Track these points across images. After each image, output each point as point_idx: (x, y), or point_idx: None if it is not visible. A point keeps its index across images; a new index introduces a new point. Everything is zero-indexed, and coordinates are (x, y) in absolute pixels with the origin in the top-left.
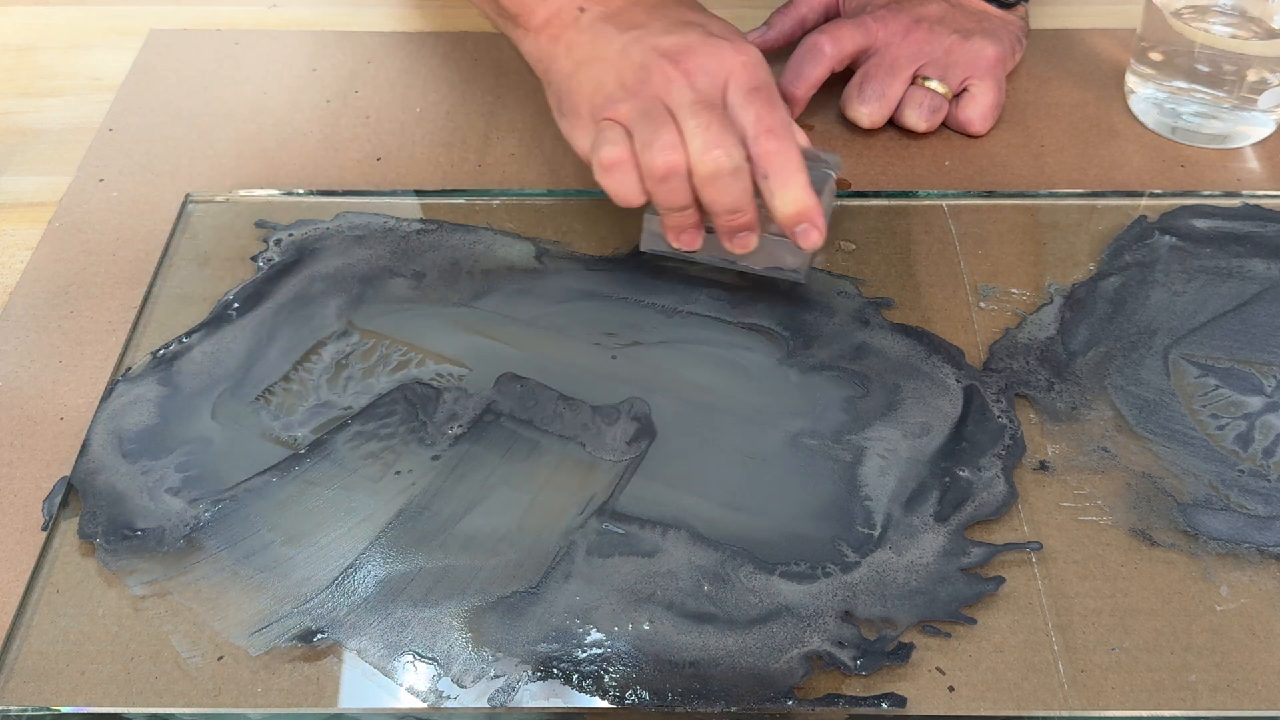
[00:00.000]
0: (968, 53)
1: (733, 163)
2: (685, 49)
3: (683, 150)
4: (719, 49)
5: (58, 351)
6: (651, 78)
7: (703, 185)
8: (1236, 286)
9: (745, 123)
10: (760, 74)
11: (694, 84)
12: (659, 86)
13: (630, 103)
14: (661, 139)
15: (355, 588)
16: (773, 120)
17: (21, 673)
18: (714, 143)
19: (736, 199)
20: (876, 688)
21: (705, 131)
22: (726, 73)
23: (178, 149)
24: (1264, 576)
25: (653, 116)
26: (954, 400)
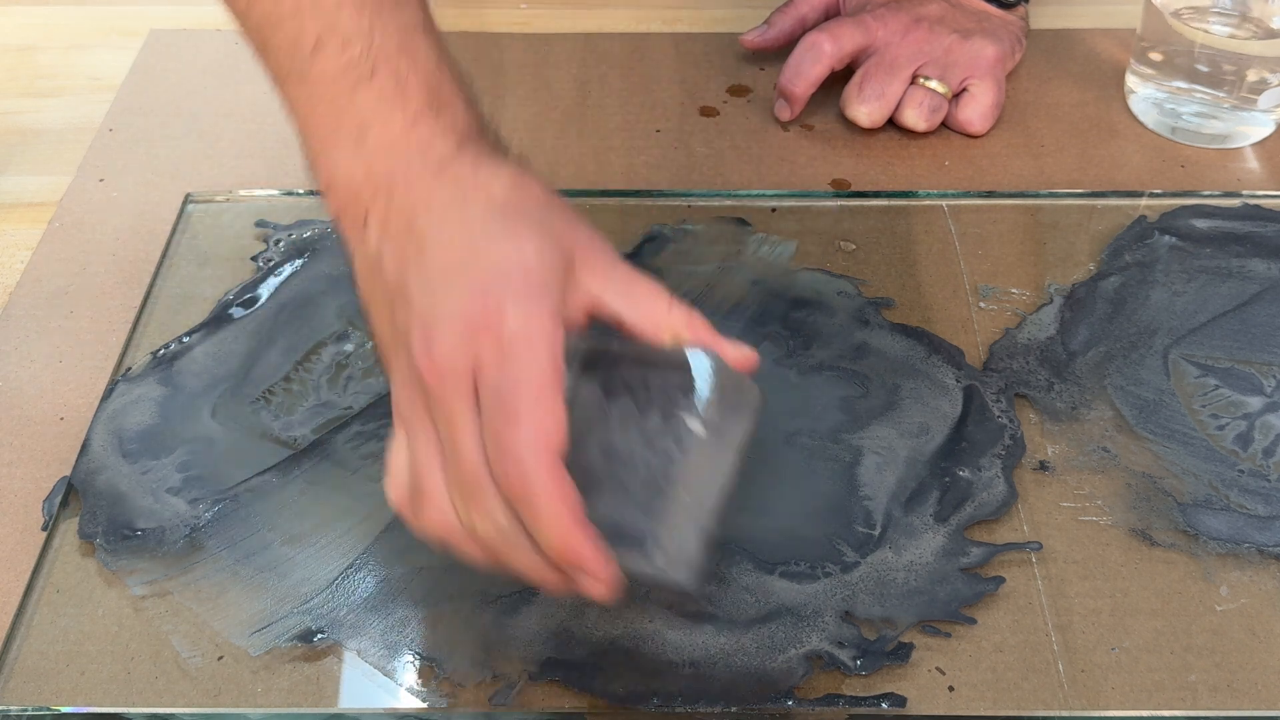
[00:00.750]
0: (967, 52)
1: (502, 533)
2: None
3: (451, 508)
4: (465, 324)
5: (58, 351)
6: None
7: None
8: (1236, 286)
9: (488, 450)
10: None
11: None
12: (418, 393)
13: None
14: (425, 495)
15: (355, 588)
16: (512, 441)
17: (21, 673)
18: (476, 510)
19: (531, 570)
20: (876, 688)
21: (466, 494)
22: (473, 363)
23: (178, 149)
24: (1264, 576)
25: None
26: (954, 400)
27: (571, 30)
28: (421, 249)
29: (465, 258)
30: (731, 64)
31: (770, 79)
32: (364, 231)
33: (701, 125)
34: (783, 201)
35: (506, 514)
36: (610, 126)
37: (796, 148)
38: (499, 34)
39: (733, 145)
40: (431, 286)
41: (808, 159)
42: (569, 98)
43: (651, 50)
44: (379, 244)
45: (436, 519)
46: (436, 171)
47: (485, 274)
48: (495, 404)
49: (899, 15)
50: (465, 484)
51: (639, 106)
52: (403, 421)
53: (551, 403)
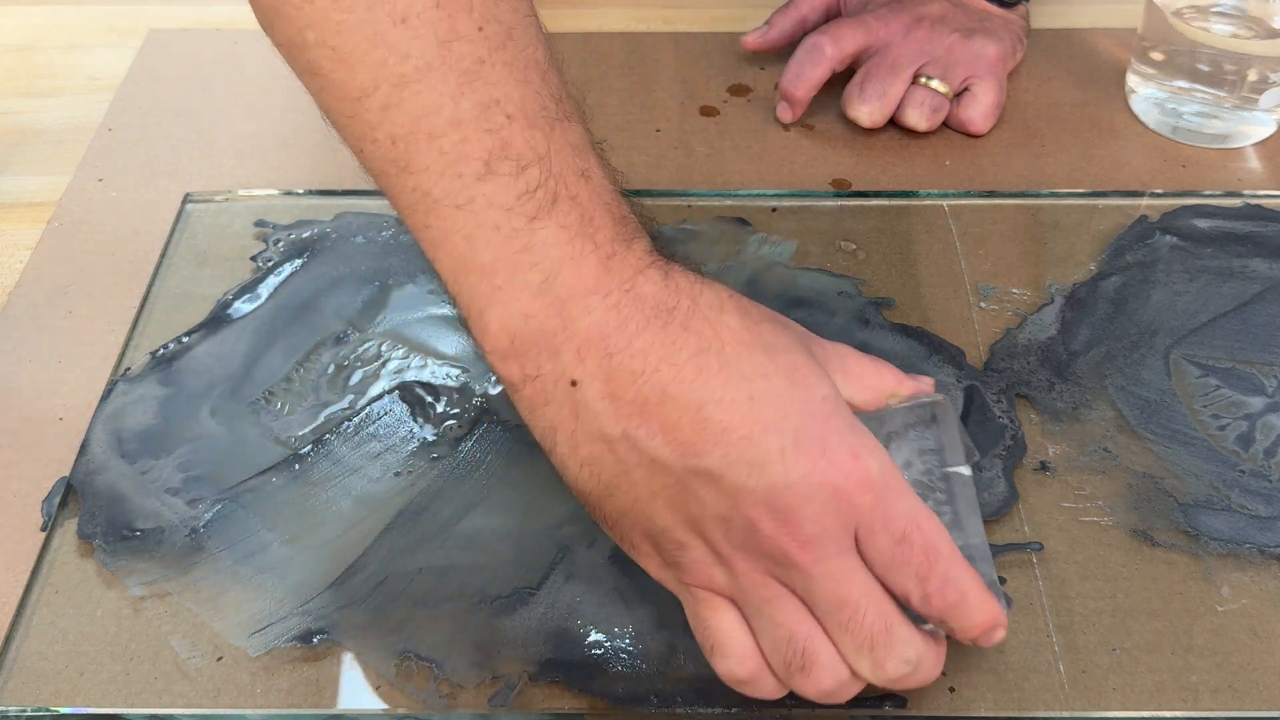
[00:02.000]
0: (969, 52)
1: (912, 665)
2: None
3: (845, 666)
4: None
5: (57, 351)
6: (750, 550)
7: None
8: (1238, 286)
9: (907, 588)
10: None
11: (824, 568)
12: (766, 566)
13: (728, 576)
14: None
15: (355, 588)
16: (940, 569)
17: (21, 673)
18: (884, 658)
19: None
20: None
21: (871, 647)
22: (853, 525)
23: (177, 149)
24: (1265, 577)
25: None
26: (954, 400)
27: (571, 30)
28: (701, 419)
29: (767, 415)
30: (731, 64)
31: (770, 79)
32: (576, 395)
33: (701, 125)
34: (783, 201)
35: (916, 644)
36: (610, 126)
37: (796, 148)
38: None
39: (733, 145)
40: (751, 463)
41: (808, 159)
42: None
43: (651, 50)
44: (612, 412)
45: (830, 682)
46: (661, 322)
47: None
48: (904, 551)
49: (900, 15)
50: (875, 636)
51: (639, 106)
52: (730, 593)
53: (925, 509)
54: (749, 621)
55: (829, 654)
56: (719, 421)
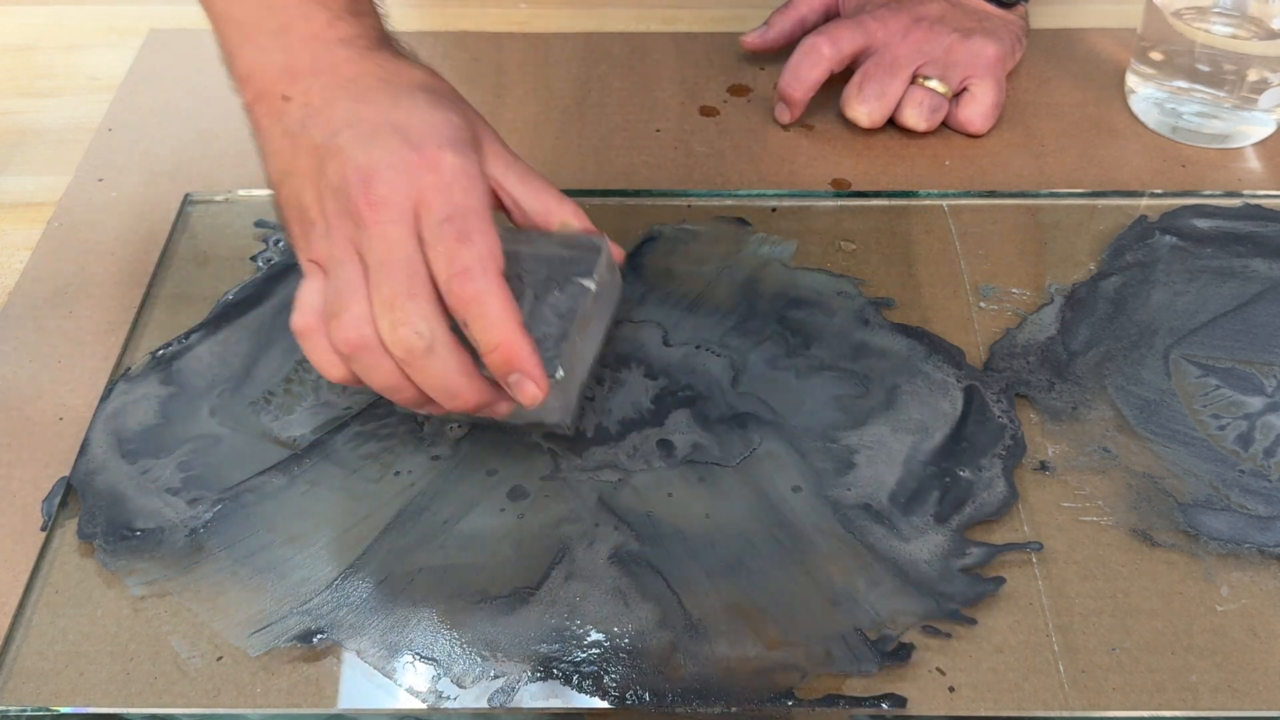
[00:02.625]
0: (967, 52)
1: (424, 341)
2: (371, 172)
3: (370, 323)
4: (406, 167)
5: (57, 351)
6: (340, 215)
7: (404, 368)
8: (1237, 286)
9: (437, 267)
10: (454, 195)
11: (381, 229)
12: (347, 229)
13: (327, 244)
14: (346, 313)
15: (355, 588)
16: (466, 257)
17: (21, 673)
18: (401, 320)
19: (443, 379)
20: (877, 688)
21: (390, 307)
22: (415, 199)
23: (177, 149)
24: (1265, 577)
25: (343, 273)
26: (954, 400)
27: (571, 30)
28: (354, 113)
29: (398, 118)
30: (731, 64)
31: (770, 79)
32: (284, 107)
33: (701, 125)
34: (783, 201)
35: (432, 321)
36: (610, 126)
37: (796, 148)
38: (499, 34)
39: (733, 145)
40: (367, 141)
41: (808, 159)
42: (569, 98)
43: (651, 50)
44: (304, 116)
45: (353, 333)
46: (360, 58)
47: (419, 130)
48: (445, 229)
49: (898, 16)
50: (397, 295)
51: (639, 106)
52: (324, 260)
53: (492, 228)
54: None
55: (360, 308)
56: (368, 116)
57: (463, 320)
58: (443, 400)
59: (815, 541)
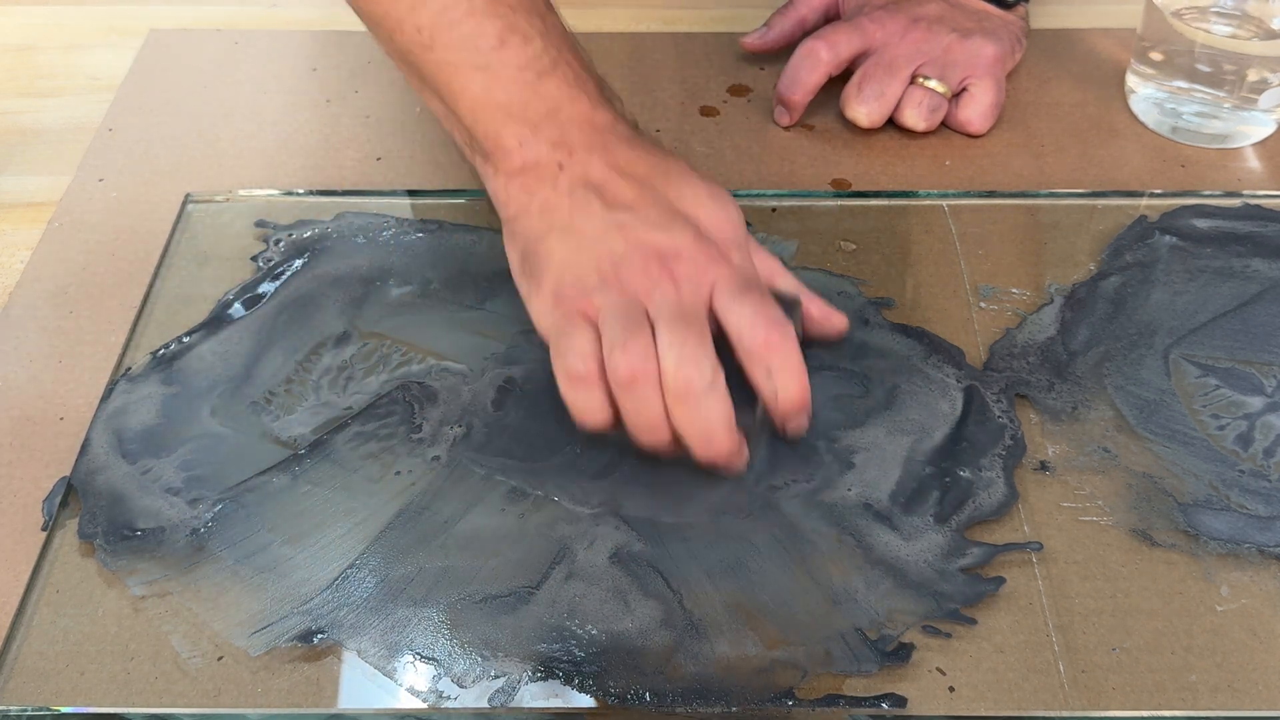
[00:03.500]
0: (966, 52)
1: (704, 381)
2: (674, 252)
3: (655, 360)
4: (708, 256)
5: (57, 351)
6: (634, 274)
7: (673, 404)
8: (1237, 286)
9: (740, 321)
10: (748, 275)
11: (679, 292)
12: (640, 286)
13: (605, 295)
14: (634, 344)
15: (355, 588)
16: (770, 313)
17: (21, 673)
18: (689, 358)
19: (707, 422)
20: (876, 688)
21: (682, 346)
22: (713, 279)
23: (178, 149)
24: (1264, 577)
25: (628, 318)
26: (954, 400)
27: (571, 30)
28: (641, 195)
29: (686, 209)
30: (731, 64)
31: (770, 79)
32: (559, 174)
33: (701, 125)
34: (783, 201)
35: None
36: None
37: (796, 148)
38: None
39: (733, 145)
40: (666, 224)
41: (808, 159)
42: None
43: (651, 50)
44: (584, 184)
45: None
46: (627, 144)
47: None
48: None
49: (897, 17)
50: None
51: (639, 106)
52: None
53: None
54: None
55: (647, 340)
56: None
57: (766, 367)
58: (697, 444)
59: (815, 541)
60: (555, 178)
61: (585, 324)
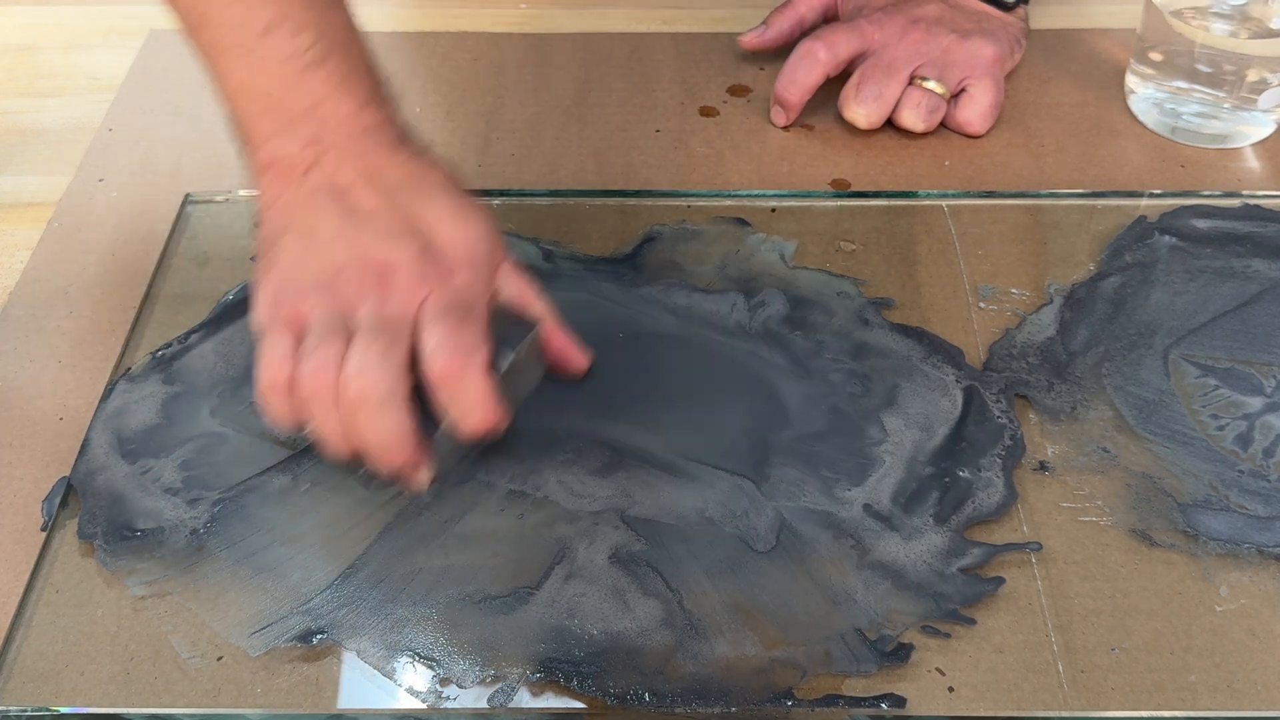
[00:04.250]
0: (965, 53)
1: (380, 391)
2: (393, 266)
3: (338, 367)
4: (425, 274)
5: (57, 352)
6: (348, 285)
7: (349, 413)
8: (1237, 287)
9: (427, 345)
10: (462, 298)
11: (384, 306)
12: (350, 297)
13: (315, 304)
14: (320, 354)
15: (355, 588)
16: (460, 341)
17: (21, 673)
18: (367, 368)
19: (383, 433)
20: (876, 688)
21: (363, 355)
22: (423, 297)
23: (178, 149)
24: (1264, 577)
25: (327, 328)
26: (954, 400)
27: (571, 30)
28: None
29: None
30: (731, 64)
31: (770, 79)
32: (305, 177)
33: (701, 125)
34: (783, 201)
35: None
36: (610, 126)
37: (796, 148)
38: (499, 34)
39: (733, 145)
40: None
41: (808, 159)
42: (569, 98)
43: (651, 50)
44: (327, 189)
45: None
46: (387, 150)
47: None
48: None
49: (895, 18)
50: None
51: (639, 106)
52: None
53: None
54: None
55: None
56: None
57: (446, 394)
58: (373, 454)
59: (815, 541)
60: (301, 177)
61: (288, 331)
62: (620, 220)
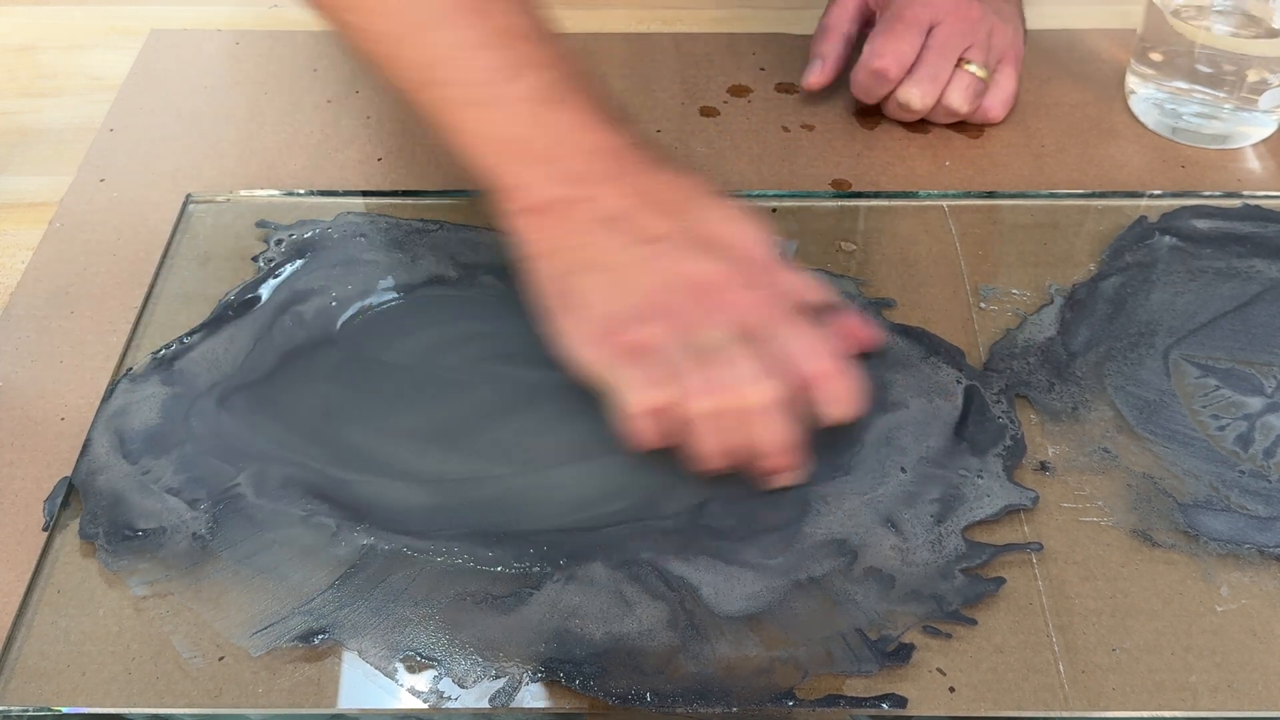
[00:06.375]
0: (1003, 37)
1: (774, 400)
2: (715, 283)
3: (716, 389)
4: (748, 283)
5: (58, 352)
6: (679, 306)
7: (739, 426)
8: (1237, 287)
9: (794, 348)
10: (789, 299)
11: (727, 318)
12: (691, 317)
13: (656, 329)
14: (699, 377)
15: (355, 588)
16: (820, 342)
17: (22, 673)
18: (754, 375)
19: (777, 439)
20: (877, 688)
21: (742, 365)
22: (758, 305)
23: (178, 149)
24: (1264, 577)
25: (683, 352)
26: (954, 400)
27: (571, 30)
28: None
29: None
30: (731, 64)
31: (770, 79)
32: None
33: (701, 125)
34: (783, 201)
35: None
36: None
37: (796, 148)
38: None
39: (733, 145)
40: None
41: (808, 159)
42: None
43: (651, 50)
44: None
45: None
46: (651, 169)
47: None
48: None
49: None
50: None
51: (639, 106)
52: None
53: None
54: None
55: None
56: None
57: (823, 395)
58: (775, 455)
59: (815, 541)
60: (571, 214)
61: (634, 360)
62: None
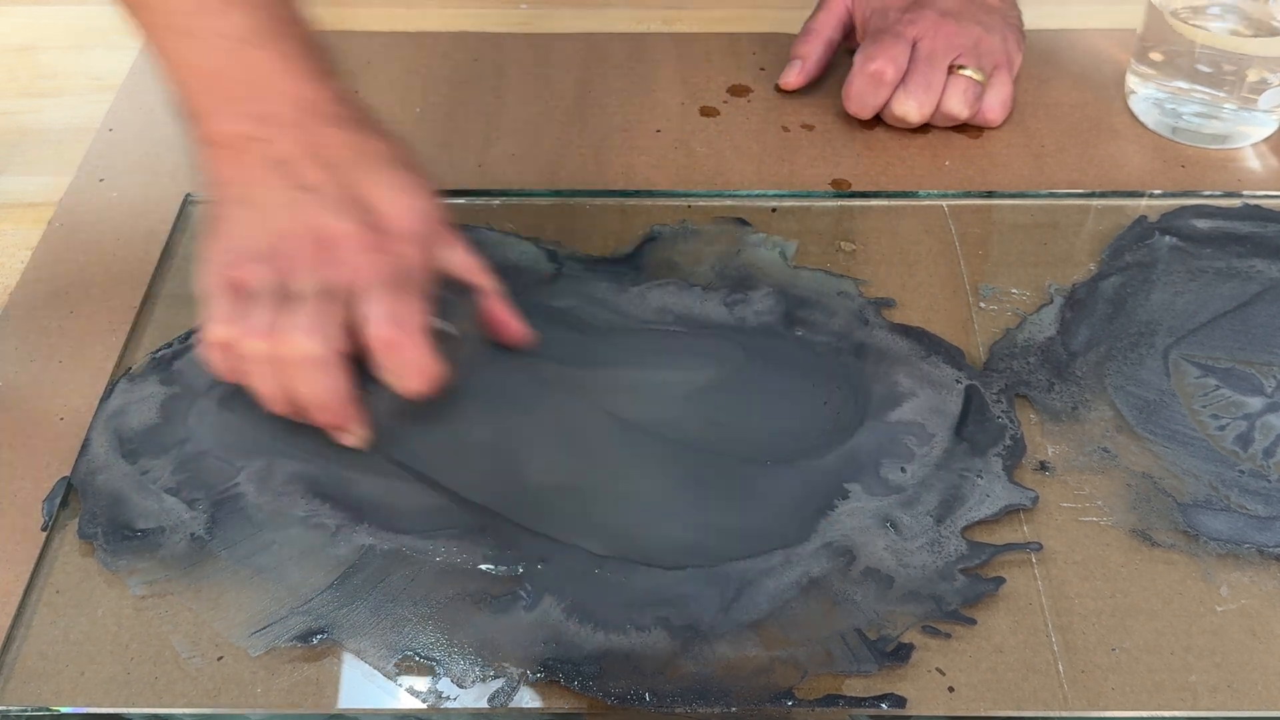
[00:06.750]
0: (991, 44)
1: (314, 353)
2: (336, 236)
3: (271, 333)
4: (368, 245)
5: (58, 352)
6: (292, 253)
7: (289, 371)
8: (1237, 287)
9: (368, 315)
10: (404, 271)
11: (324, 273)
12: (294, 265)
13: (258, 270)
14: (257, 317)
15: (355, 588)
16: (400, 311)
17: (21, 673)
18: (306, 329)
19: (318, 393)
20: (876, 688)
21: (307, 318)
22: (364, 268)
23: (178, 149)
24: (1264, 577)
25: (267, 294)
26: (954, 400)
27: (571, 30)
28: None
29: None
30: (731, 64)
31: (770, 79)
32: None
33: (701, 125)
34: (783, 201)
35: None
36: (610, 126)
37: (796, 148)
38: (499, 34)
39: (733, 145)
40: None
41: (808, 159)
42: (569, 98)
43: (651, 50)
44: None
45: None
46: (335, 124)
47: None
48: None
49: (925, 13)
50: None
51: (639, 106)
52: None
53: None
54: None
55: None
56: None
57: (384, 364)
58: (312, 410)
59: (815, 541)
60: (247, 151)
61: (231, 294)
62: (620, 220)
